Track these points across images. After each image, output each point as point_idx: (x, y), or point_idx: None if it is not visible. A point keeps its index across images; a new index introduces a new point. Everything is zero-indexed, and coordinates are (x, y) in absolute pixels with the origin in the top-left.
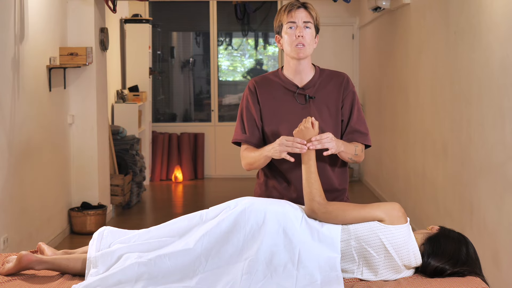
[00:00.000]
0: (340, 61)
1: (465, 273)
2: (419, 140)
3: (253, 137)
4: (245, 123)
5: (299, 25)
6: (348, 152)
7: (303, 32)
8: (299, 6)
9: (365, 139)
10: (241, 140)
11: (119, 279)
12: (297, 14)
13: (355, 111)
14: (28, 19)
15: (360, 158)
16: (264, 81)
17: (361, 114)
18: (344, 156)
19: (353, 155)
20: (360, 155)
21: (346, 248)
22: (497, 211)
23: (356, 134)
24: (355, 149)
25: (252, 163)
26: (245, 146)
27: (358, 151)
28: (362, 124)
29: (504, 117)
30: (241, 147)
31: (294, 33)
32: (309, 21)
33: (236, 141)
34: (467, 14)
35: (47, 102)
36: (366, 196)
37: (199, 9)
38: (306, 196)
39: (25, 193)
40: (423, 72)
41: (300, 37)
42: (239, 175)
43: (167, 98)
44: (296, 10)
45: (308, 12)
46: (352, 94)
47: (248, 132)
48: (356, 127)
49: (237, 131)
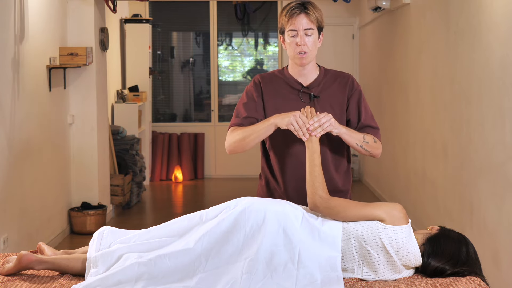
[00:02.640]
0: (340, 61)
1: (465, 273)
2: (419, 140)
3: (245, 121)
4: (242, 110)
5: (300, 33)
6: (354, 137)
7: (304, 40)
8: (299, 12)
9: (377, 133)
10: (232, 125)
11: (119, 279)
12: (298, 21)
13: (362, 109)
14: (28, 19)
15: (374, 148)
16: (269, 78)
17: (369, 111)
18: (351, 142)
19: (362, 142)
20: (372, 145)
21: (346, 247)
22: (497, 211)
23: (368, 129)
24: (364, 136)
25: (243, 139)
26: (233, 128)
27: (368, 139)
28: (372, 120)
29: (504, 117)
30: (229, 129)
31: (295, 41)
32: (310, 27)
33: (229, 127)
34: (467, 14)
35: (47, 102)
36: (366, 196)
37: (199, 9)
38: (309, 190)
39: (25, 193)
40: (423, 72)
41: (301, 45)
42: (239, 175)
43: (167, 98)
44: (296, 17)
45: (308, 19)
46: (358, 94)
47: (242, 118)
48: (366, 123)
49: (232, 119)
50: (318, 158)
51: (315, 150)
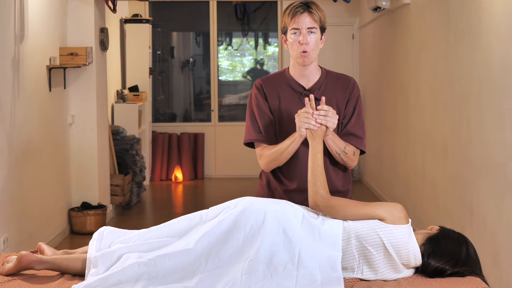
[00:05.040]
0: (340, 61)
1: (465, 273)
2: (419, 140)
3: (268, 136)
4: (259, 122)
5: (303, 32)
6: (336, 144)
7: (307, 38)
8: (303, 11)
9: (360, 143)
10: (257, 140)
11: (119, 279)
12: (301, 20)
13: (355, 115)
14: (28, 19)
15: (350, 160)
16: (270, 81)
17: (360, 119)
18: (332, 147)
19: (341, 152)
20: (350, 157)
21: (346, 246)
22: (497, 211)
23: (351, 137)
24: (345, 146)
25: (278, 158)
26: (261, 146)
27: (348, 150)
28: (360, 129)
29: (504, 117)
30: (257, 147)
31: (298, 39)
32: (313, 26)
33: (251, 141)
34: (467, 14)
35: (47, 102)
36: (366, 196)
37: (199, 9)
38: (310, 188)
39: (25, 193)
40: (423, 72)
41: (304, 44)
42: (239, 175)
43: (167, 98)
44: (299, 15)
45: (311, 18)
46: (356, 99)
47: (264, 131)
48: (351, 130)
49: (250, 132)
50: (321, 159)
51: (318, 150)
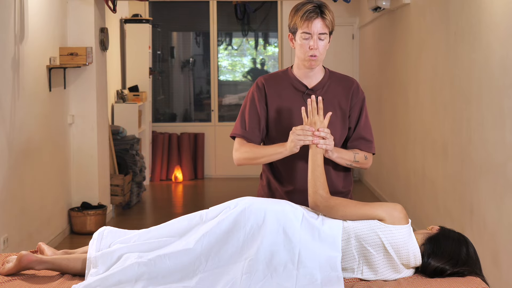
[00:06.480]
0: (340, 61)
1: (465, 273)
2: (419, 140)
3: (252, 135)
4: (247, 119)
5: (314, 37)
6: (345, 159)
7: (317, 44)
8: (316, 16)
9: (370, 147)
10: (239, 136)
11: (119, 279)
12: (314, 25)
13: (362, 118)
14: (28, 19)
15: (363, 164)
16: (273, 79)
17: (368, 122)
18: (341, 162)
19: (352, 162)
20: (363, 163)
21: (346, 246)
22: (497, 211)
23: (361, 142)
24: (354, 156)
25: (254, 158)
26: (242, 141)
27: (358, 158)
28: (368, 132)
29: (504, 117)
30: (236, 140)
31: (308, 43)
32: (325, 32)
33: (234, 135)
34: (467, 14)
35: (47, 102)
36: (366, 196)
37: (199, 9)
38: (310, 189)
39: (25, 193)
40: (423, 72)
41: (314, 49)
42: (239, 175)
43: (167, 98)
44: (313, 20)
45: (324, 23)
46: (361, 102)
47: (249, 128)
48: (362, 134)
49: (236, 126)
50: (321, 159)
51: (318, 151)
